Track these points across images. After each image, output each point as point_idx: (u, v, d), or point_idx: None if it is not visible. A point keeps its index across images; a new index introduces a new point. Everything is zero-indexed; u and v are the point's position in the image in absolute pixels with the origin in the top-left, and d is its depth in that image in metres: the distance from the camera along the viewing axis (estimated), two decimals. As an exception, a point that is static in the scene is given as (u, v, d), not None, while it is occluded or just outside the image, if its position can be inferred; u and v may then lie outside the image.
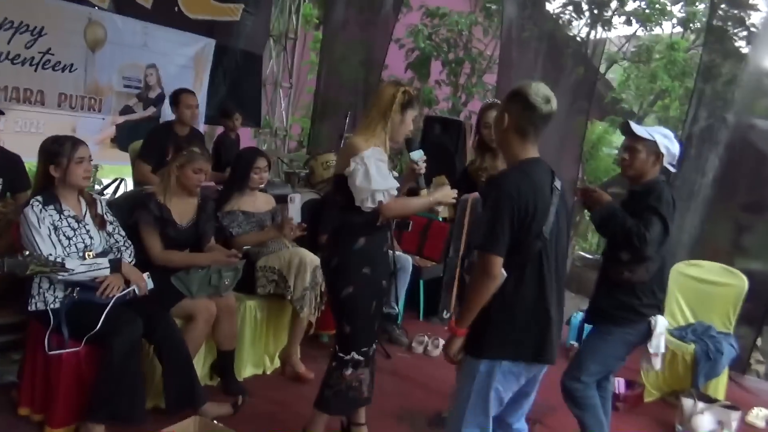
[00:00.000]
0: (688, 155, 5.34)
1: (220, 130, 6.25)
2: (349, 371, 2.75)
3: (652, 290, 2.78)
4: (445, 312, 5.28)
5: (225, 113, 5.82)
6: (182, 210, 3.30)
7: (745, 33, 7.01)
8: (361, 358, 2.74)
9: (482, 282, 2.09)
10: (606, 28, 8.81)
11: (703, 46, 5.90)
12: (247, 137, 6.81)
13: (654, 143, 2.73)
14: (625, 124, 2.80)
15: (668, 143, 2.76)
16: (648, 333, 2.79)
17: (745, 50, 6.29)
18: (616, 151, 12.64)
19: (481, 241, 2.10)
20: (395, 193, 2.66)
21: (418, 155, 2.74)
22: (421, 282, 5.09)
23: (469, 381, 2.20)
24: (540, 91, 2.13)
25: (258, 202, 3.86)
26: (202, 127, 6.13)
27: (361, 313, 2.71)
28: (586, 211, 3.02)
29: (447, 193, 2.77)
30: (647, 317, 2.78)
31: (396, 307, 4.58)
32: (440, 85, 8.92)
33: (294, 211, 3.64)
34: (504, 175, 2.16)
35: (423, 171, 2.77)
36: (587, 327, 4.79)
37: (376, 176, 2.56)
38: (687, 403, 3.61)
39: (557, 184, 2.16)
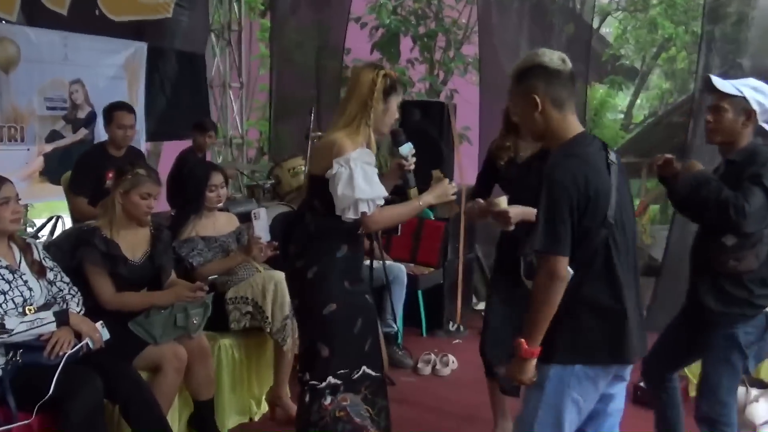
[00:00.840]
0: (704, 108, 5.40)
1: (168, 146, 6.22)
2: (328, 400, 2.72)
3: (762, 278, 2.70)
4: (451, 323, 5.34)
5: (200, 127, 5.81)
6: (133, 243, 3.28)
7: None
8: (338, 381, 2.72)
9: (550, 287, 2.09)
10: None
11: (707, -18, 5.97)
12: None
13: (743, 99, 2.64)
14: (707, 80, 2.74)
15: (761, 97, 2.65)
16: (766, 326, 2.74)
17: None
18: (622, 116, 12.78)
19: (541, 242, 2.09)
20: (382, 202, 2.66)
21: (407, 149, 2.76)
22: (420, 293, 5.10)
23: (538, 391, 2.19)
24: (554, 55, 2.17)
25: (219, 223, 3.85)
26: (144, 146, 6.10)
27: (343, 332, 2.71)
28: (659, 184, 2.98)
29: (444, 191, 2.76)
30: (763, 308, 2.72)
31: (394, 325, 4.59)
32: (413, 65, 8.93)
33: (261, 228, 3.63)
34: (555, 163, 2.14)
35: (412, 167, 2.77)
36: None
37: (361, 183, 2.57)
38: (738, 391, 3.63)
39: (613, 157, 2.18)
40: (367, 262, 4.06)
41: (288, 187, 5.48)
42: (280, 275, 3.68)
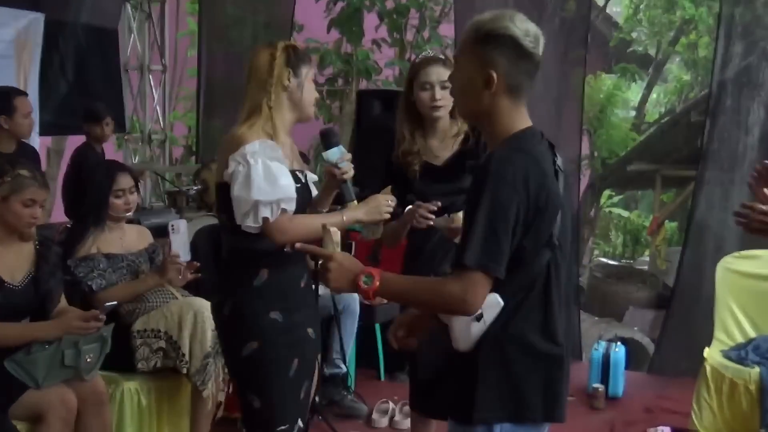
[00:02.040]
0: (723, 107, 5.52)
1: (75, 143, 6.16)
2: None
3: None
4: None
5: (91, 116, 5.76)
6: (12, 262, 3.24)
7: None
8: None
9: (453, 307, 2.02)
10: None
11: (728, -43, 6.10)
12: (108, 148, 6.72)
13: None
14: None
15: None
16: None
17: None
18: (634, 113, 12.97)
19: (475, 255, 1.96)
20: (291, 206, 2.62)
21: (334, 155, 2.73)
22: (377, 327, 5.10)
23: None
24: (528, 28, 2.08)
25: (127, 238, 3.83)
26: (37, 141, 6.04)
27: (275, 377, 2.70)
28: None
29: (376, 207, 2.72)
30: None
31: (343, 366, 4.59)
32: (380, 47, 9.00)
33: (179, 244, 3.62)
34: (502, 159, 2.05)
35: (349, 174, 2.75)
36: (615, 360, 4.93)
37: (260, 181, 2.55)
38: None
39: (560, 162, 2.14)
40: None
41: (218, 194, 5.45)
42: (201, 303, 3.67)
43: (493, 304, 2.02)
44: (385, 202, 2.74)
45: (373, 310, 4.92)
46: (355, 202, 2.73)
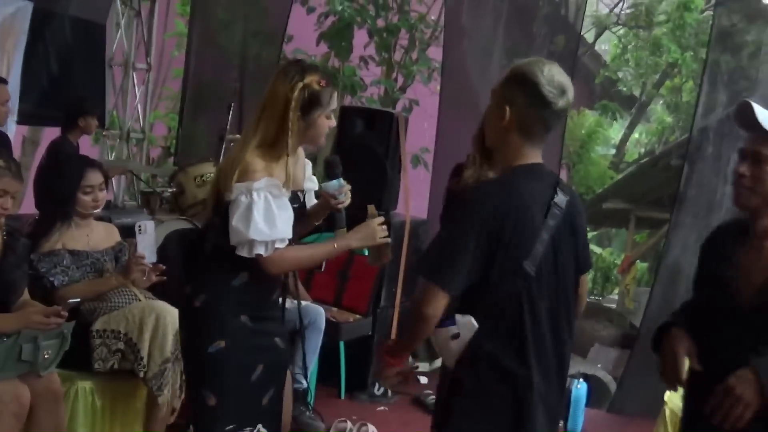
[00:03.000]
0: (703, 153, 5.58)
1: (51, 134, 6.13)
2: None
3: None
4: (377, 385, 5.33)
5: (74, 111, 5.74)
6: (-24, 251, 3.22)
7: (774, -14, 7.42)
8: None
9: (417, 323, 2.21)
10: (592, -19, 9.15)
11: (717, 5, 6.20)
12: (84, 142, 6.67)
13: None
14: (743, 108, 2.26)
15: None
16: None
17: (774, 9, 6.65)
18: (614, 151, 13.09)
19: (428, 266, 2.18)
20: (283, 244, 2.68)
21: (333, 187, 2.82)
22: (341, 344, 5.09)
23: None
24: (555, 78, 2.22)
25: (94, 235, 3.82)
26: (13, 129, 5.99)
27: (235, 378, 2.72)
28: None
29: (371, 233, 2.78)
30: None
31: (304, 382, 4.56)
32: (367, 64, 9.02)
33: (145, 245, 3.60)
34: (479, 187, 2.25)
35: (345, 204, 2.82)
36: (576, 396, 4.94)
37: (259, 221, 2.61)
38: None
39: (560, 200, 2.23)
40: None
41: (192, 198, 5.43)
42: (165, 307, 3.65)
43: (468, 325, 2.18)
44: (379, 228, 2.78)
45: (338, 327, 4.91)
46: (345, 229, 2.79)
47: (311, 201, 2.98)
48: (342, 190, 2.81)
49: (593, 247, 12.75)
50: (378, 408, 5.17)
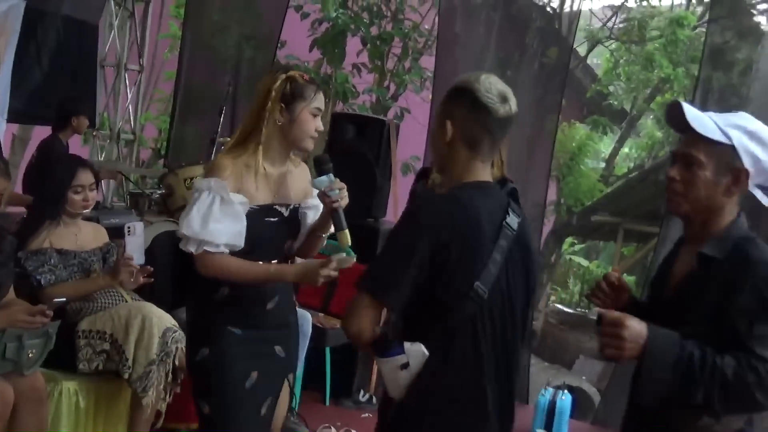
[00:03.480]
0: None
1: (41, 133, 6.12)
2: None
3: None
4: (362, 392, 5.32)
5: (67, 110, 5.74)
6: (-38, 248, 3.20)
7: (765, 5, 7.49)
8: None
9: (343, 323, 2.13)
10: (586, -5, 9.19)
11: (710, 22, 6.25)
12: (74, 142, 6.66)
13: (731, 149, 2.07)
14: (674, 108, 2.15)
15: (758, 149, 2.07)
16: None
17: (765, 27, 6.70)
18: (604, 165, 13.13)
19: (365, 277, 2.09)
20: (217, 249, 2.64)
21: (323, 183, 2.72)
22: (327, 350, 5.09)
23: None
24: (492, 87, 2.17)
25: (82, 235, 3.81)
26: (3, 127, 5.98)
27: (226, 385, 2.71)
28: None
29: (310, 274, 2.67)
30: None
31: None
32: (360, 71, 9.05)
33: (134, 246, 3.59)
34: (427, 199, 2.20)
35: (343, 202, 2.72)
36: (561, 407, 4.95)
37: (193, 217, 2.63)
38: None
39: (511, 220, 2.16)
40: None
41: (181, 200, 5.42)
42: (151, 309, 3.65)
43: (418, 353, 2.08)
44: (322, 271, 2.64)
45: (324, 333, 4.91)
46: (346, 231, 2.70)
47: (306, 220, 2.91)
48: (333, 186, 2.70)
49: (581, 260, 12.80)
50: (362, 414, 5.16)
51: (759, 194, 2.14)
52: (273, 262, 2.77)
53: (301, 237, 2.91)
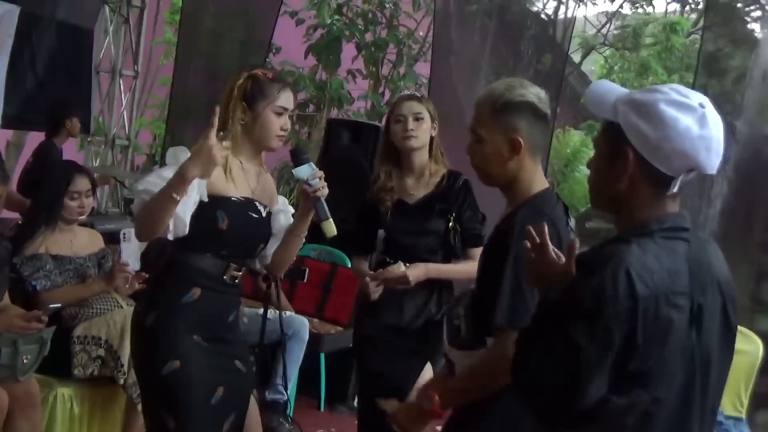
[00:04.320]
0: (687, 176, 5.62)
1: (35, 138, 6.13)
2: None
3: None
4: (356, 398, 5.31)
5: (59, 113, 5.74)
6: (-42, 253, 3.21)
7: (759, 13, 7.53)
8: None
9: (499, 367, 2.01)
10: (581, 2, 9.26)
11: (705, 29, 6.28)
12: (70, 148, 6.67)
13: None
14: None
15: (641, 122, 1.69)
16: None
17: (759, 35, 6.74)
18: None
19: (505, 316, 2.08)
20: (152, 188, 2.54)
21: (304, 172, 2.71)
22: (322, 356, 5.09)
23: None
24: (541, 93, 2.25)
25: (78, 241, 3.81)
26: (-3, 134, 6.00)
27: (194, 399, 2.61)
28: None
29: (203, 153, 2.48)
30: None
31: (285, 393, 4.56)
32: (354, 77, 9.07)
33: (129, 252, 3.61)
34: (525, 219, 2.09)
35: (323, 192, 2.70)
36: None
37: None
38: None
39: (572, 224, 2.25)
40: (260, 310, 4.06)
41: (176, 206, 5.43)
42: (146, 314, 3.64)
43: None
44: (216, 147, 2.50)
45: (320, 338, 4.91)
46: (331, 220, 2.69)
47: (278, 223, 2.89)
48: (315, 174, 2.68)
49: (576, 266, 12.79)
50: (357, 420, 5.16)
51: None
52: (233, 266, 2.72)
53: (274, 241, 2.85)
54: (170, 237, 2.60)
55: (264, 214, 2.78)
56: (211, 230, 2.64)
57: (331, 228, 2.70)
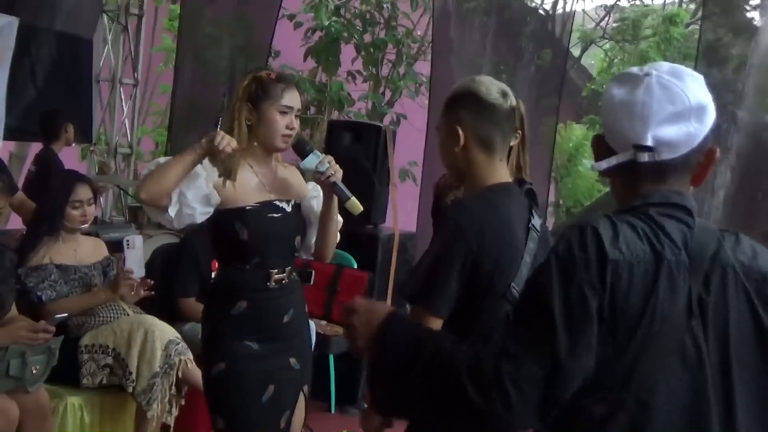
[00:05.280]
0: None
1: (35, 149, 6.14)
2: None
3: None
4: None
5: (55, 121, 5.78)
6: (-37, 266, 3.21)
7: (758, 0, 7.52)
8: None
9: None
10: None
11: (703, 19, 6.27)
12: (72, 157, 6.68)
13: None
14: None
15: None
16: None
17: (758, 23, 6.73)
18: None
19: (412, 290, 2.10)
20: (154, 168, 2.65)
21: (312, 162, 2.72)
22: (331, 357, 5.10)
23: None
24: (492, 85, 2.21)
25: (81, 250, 3.82)
26: (0, 144, 6.00)
27: (243, 400, 2.70)
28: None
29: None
30: None
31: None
32: (354, 78, 9.07)
33: (134, 260, 3.61)
34: (461, 204, 2.19)
35: (336, 175, 2.71)
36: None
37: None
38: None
39: (536, 222, 2.19)
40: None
41: (180, 213, 5.44)
42: (153, 321, 3.66)
43: None
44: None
45: (328, 340, 4.91)
46: (353, 199, 2.72)
47: (312, 210, 2.91)
48: (323, 161, 2.70)
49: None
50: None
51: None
52: (274, 272, 2.75)
53: (312, 231, 2.90)
54: (176, 224, 2.66)
55: (289, 209, 2.81)
56: (236, 244, 2.71)
57: (355, 206, 2.73)
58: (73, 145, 6.59)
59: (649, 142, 1.49)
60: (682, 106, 1.50)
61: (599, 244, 1.43)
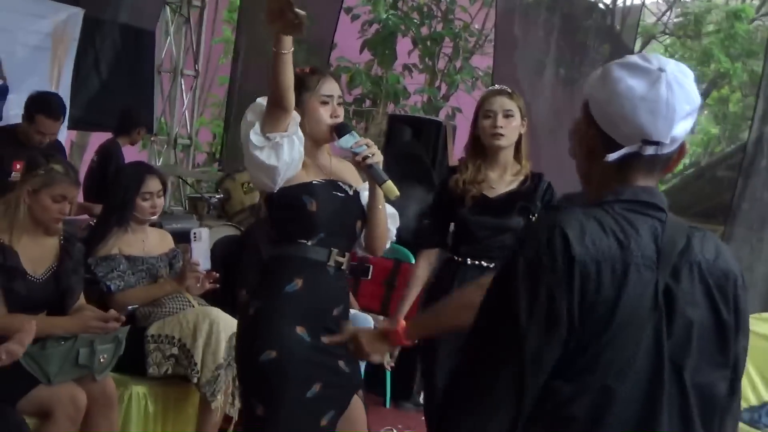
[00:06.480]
0: (758, 167, 5.50)
1: (97, 139, 6.23)
2: None
3: None
4: (422, 394, 5.31)
5: (132, 121, 5.98)
6: (36, 255, 3.25)
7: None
8: None
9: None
10: (640, -10, 9.09)
11: (771, 15, 6.12)
12: (132, 147, 6.76)
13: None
14: None
15: (598, 86, 1.59)
16: None
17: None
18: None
19: None
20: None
21: (348, 142, 2.68)
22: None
23: None
24: None
25: (149, 241, 3.84)
26: (64, 134, 6.09)
27: (288, 391, 2.63)
28: None
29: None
30: None
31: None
32: (411, 72, 9.06)
33: (200, 252, 3.62)
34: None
35: (374, 158, 2.66)
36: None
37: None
38: None
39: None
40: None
41: (239, 205, 5.48)
42: (218, 314, 3.66)
43: None
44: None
45: (385, 336, 4.90)
46: (389, 182, 2.66)
47: (364, 202, 2.89)
48: (359, 143, 2.67)
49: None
50: (423, 416, 5.15)
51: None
52: (335, 251, 2.72)
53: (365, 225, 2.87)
54: (263, 158, 2.58)
55: (351, 192, 2.79)
56: (303, 216, 2.66)
57: (391, 189, 2.67)
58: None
59: (668, 141, 1.53)
60: (693, 106, 1.54)
61: (566, 245, 1.46)
